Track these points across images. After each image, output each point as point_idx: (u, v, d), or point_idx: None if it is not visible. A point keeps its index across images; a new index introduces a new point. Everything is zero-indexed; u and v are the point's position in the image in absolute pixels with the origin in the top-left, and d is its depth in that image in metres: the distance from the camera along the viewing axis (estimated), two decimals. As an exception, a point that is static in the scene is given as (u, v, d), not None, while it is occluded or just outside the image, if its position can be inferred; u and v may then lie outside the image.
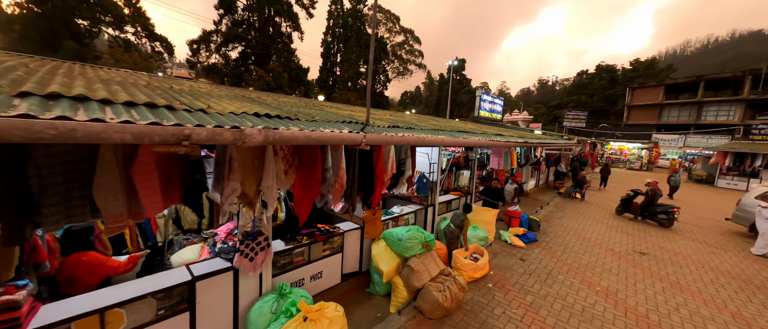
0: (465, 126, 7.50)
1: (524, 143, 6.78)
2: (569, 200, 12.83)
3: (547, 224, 9.03)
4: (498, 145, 5.79)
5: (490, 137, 5.80)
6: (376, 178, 3.91)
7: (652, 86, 39.70)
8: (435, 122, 6.96)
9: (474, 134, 5.69)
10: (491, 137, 5.86)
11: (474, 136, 5.33)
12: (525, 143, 6.59)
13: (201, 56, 24.03)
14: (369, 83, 3.52)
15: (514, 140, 6.31)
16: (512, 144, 6.15)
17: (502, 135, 6.98)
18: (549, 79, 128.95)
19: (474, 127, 7.52)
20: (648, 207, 9.84)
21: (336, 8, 54.09)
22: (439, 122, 7.98)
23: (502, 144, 5.73)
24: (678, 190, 14.44)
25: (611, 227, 9.22)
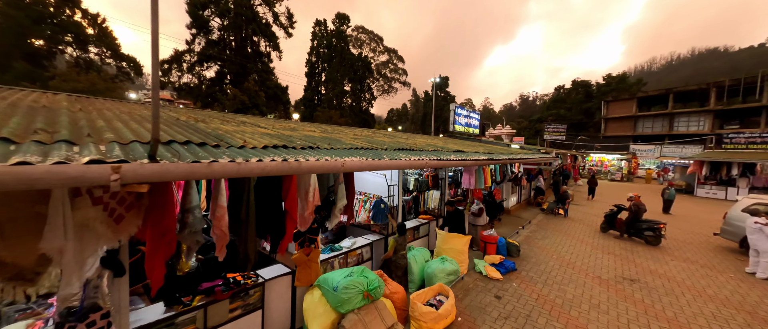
0: (427, 143, 6.66)
1: (488, 161, 5.94)
2: (552, 216, 12.06)
3: (529, 247, 8.13)
4: (440, 164, 4.91)
5: (445, 155, 4.93)
6: (287, 216, 2.91)
7: (626, 99, 40.76)
8: (388, 139, 6.10)
9: (422, 152, 4.82)
10: (447, 155, 4.99)
11: (415, 155, 4.43)
12: (488, 161, 5.73)
13: (172, 76, 22.93)
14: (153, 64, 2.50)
15: (473, 158, 5.45)
16: (470, 163, 5.29)
17: (464, 151, 6.15)
18: (529, 95, 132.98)
19: (437, 143, 6.71)
20: (633, 224, 9.11)
21: (319, 29, 54.52)
22: (397, 137, 7.13)
23: (447, 164, 4.86)
24: (673, 204, 13.49)
25: (597, 247, 8.39)
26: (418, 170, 7.68)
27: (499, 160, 6.16)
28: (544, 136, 37.69)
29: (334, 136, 5.07)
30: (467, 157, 5.26)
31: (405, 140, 6.32)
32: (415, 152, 4.67)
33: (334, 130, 6.54)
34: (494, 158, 5.54)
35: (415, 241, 6.49)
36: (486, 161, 5.61)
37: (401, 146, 5.02)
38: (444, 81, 73.08)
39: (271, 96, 25.44)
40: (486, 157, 5.59)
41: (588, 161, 33.22)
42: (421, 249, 6.10)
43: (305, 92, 54.22)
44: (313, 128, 5.81)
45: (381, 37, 64.71)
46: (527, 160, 8.12)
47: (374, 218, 5.39)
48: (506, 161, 6.71)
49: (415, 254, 5.89)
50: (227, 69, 25.39)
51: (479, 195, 8.89)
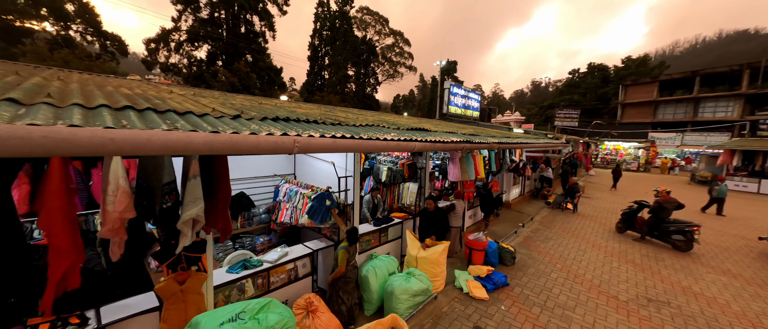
0: (395, 122, 5.16)
1: (467, 144, 4.38)
2: (559, 212, 10.48)
3: (527, 251, 6.67)
4: (406, 147, 3.42)
5: (396, 135, 3.44)
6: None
7: (646, 82, 37.58)
8: (343, 115, 4.60)
9: (382, 129, 3.35)
10: (404, 135, 3.50)
11: (330, 130, 2.98)
12: (468, 144, 4.13)
13: (160, 56, 21.67)
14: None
15: (448, 140, 3.92)
16: (441, 146, 3.74)
17: (454, 133, 4.65)
18: (542, 81, 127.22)
19: (406, 122, 5.19)
20: (658, 224, 7.50)
21: (322, 11, 52.19)
22: (361, 115, 5.63)
23: (416, 147, 3.36)
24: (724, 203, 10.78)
25: (612, 252, 6.87)
26: (392, 158, 6.24)
27: (487, 144, 4.59)
28: (554, 122, 35.25)
29: (265, 107, 3.66)
30: (431, 137, 3.76)
31: (366, 117, 4.83)
32: (337, 127, 3.20)
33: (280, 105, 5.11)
34: (480, 141, 4.01)
35: (380, 247, 5.12)
36: (464, 144, 4.08)
37: (340, 121, 3.56)
38: (452, 66, 70.00)
39: (264, 78, 23.96)
40: (463, 139, 4.06)
41: (602, 149, 30.92)
42: (387, 259, 4.73)
43: (308, 77, 52.70)
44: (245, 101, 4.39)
45: (386, 19, 61.84)
46: (529, 145, 6.53)
47: (312, 214, 4.02)
48: (502, 146, 5.16)
49: (377, 265, 4.53)
50: (219, 49, 23.94)
51: (470, 188, 7.40)
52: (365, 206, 5.32)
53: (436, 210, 5.30)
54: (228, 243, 4.45)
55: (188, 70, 22.36)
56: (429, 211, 5.35)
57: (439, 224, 5.18)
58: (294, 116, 3.18)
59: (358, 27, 57.54)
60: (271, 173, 5.36)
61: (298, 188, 4.63)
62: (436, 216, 5.38)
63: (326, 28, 51.77)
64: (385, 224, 5.22)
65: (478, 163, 6.00)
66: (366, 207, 5.32)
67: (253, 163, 5.19)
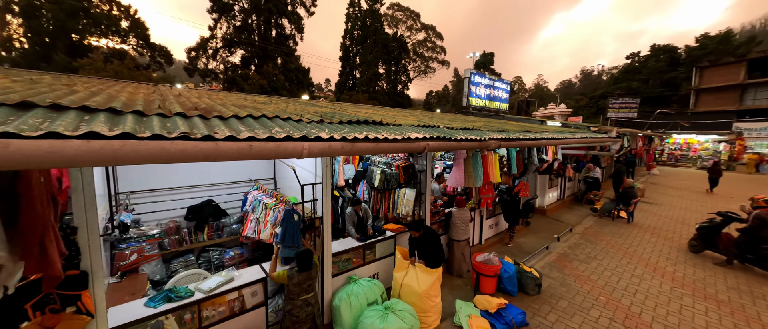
0: (396, 116, 4.16)
1: (465, 142, 3.15)
2: (608, 221, 8.57)
3: (561, 274, 5.26)
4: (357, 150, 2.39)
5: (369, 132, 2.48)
6: None
7: (730, 63, 31.14)
8: (314, 108, 3.74)
9: (359, 126, 2.46)
10: (383, 132, 2.53)
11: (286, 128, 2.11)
12: (441, 143, 2.85)
13: (200, 63, 23.08)
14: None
15: (399, 137, 2.77)
16: (421, 145, 2.58)
17: (453, 128, 3.57)
18: (594, 69, 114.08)
19: (407, 120, 4.12)
20: (755, 245, 5.51)
21: (353, 10, 52.40)
22: (363, 110, 4.72)
23: (393, 148, 2.34)
24: None
25: (682, 282, 5.14)
26: (387, 159, 5.27)
27: (509, 142, 3.40)
28: (607, 114, 30.83)
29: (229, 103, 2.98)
30: (377, 134, 2.75)
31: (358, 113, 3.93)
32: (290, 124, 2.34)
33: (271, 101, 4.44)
34: (462, 138, 2.85)
35: (364, 267, 4.22)
36: (462, 143, 2.96)
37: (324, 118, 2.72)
38: (488, 58, 66.11)
39: (291, 80, 24.32)
40: (461, 136, 2.94)
41: (669, 143, 26.23)
42: (369, 284, 3.84)
43: (340, 77, 53.49)
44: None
45: (418, 14, 60.20)
46: (565, 141, 5.06)
47: (283, 238, 3.23)
48: (525, 144, 3.89)
49: (354, 292, 3.66)
50: (252, 54, 24.84)
51: (489, 193, 6.14)
52: (348, 221, 4.46)
53: (425, 234, 4.13)
54: (189, 258, 3.91)
55: (224, 75, 23.53)
56: (420, 237, 4.18)
57: (430, 248, 4.06)
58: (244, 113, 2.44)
59: (389, 24, 56.78)
60: (245, 178, 4.76)
61: (263, 196, 3.93)
62: (426, 240, 4.17)
63: (357, 28, 51.89)
64: (371, 239, 4.31)
65: (490, 165, 4.78)
66: (349, 222, 4.46)
67: (226, 166, 4.64)
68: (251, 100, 4.13)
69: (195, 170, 4.24)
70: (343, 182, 5.34)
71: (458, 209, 5.32)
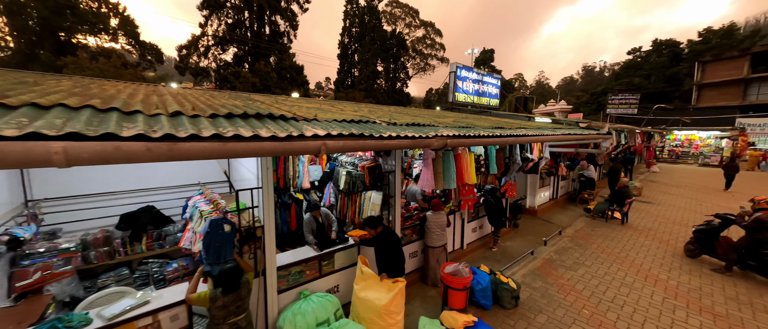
0: (355, 111, 3.71)
1: (404, 141, 2.65)
2: (601, 223, 8.11)
3: (544, 282, 4.83)
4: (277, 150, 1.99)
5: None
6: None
7: (733, 57, 30.34)
8: (277, 105, 3.30)
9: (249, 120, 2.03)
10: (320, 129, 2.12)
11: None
12: (417, 140, 2.34)
13: (191, 61, 22.66)
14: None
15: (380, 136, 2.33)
16: (316, 145, 2.10)
17: (397, 124, 3.12)
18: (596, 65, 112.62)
19: (359, 112, 3.67)
20: (756, 250, 5.05)
21: (351, 7, 51.78)
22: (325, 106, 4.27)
23: (308, 147, 1.92)
24: None
25: (676, 291, 4.69)
26: (353, 159, 4.83)
27: (457, 139, 2.86)
28: (606, 110, 30.17)
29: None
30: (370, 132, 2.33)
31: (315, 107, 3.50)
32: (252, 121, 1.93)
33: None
34: (426, 135, 2.43)
35: (320, 280, 3.81)
36: (388, 142, 2.40)
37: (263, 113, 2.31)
38: (488, 55, 65.40)
39: (284, 78, 23.84)
40: (392, 133, 2.46)
41: (670, 140, 25.59)
42: (322, 300, 3.43)
43: (338, 75, 53.09)
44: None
45: (417, 11, 59.53)
46: (544, 138, 4.57)
47: (205, 252, 2.82)
48: (488, 142, 3.39)
49: (304, 310, 3.25)
50: (245, 51, 24.40)
51: (469, 195, 5.71)
52: (306, 228, 4.05)
53: (383, 234, 3.69)
54: (122, 272, 3.51)
55: (217, 73, 23.13)
56: (377, 237, 3.72)
57: (389, 253, 3.64)
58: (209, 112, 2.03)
59: (388, 21, 56.21)
60: (195, 181, 4.35)
61: (201, 202, 3.52)
62: (385, 243, 3.70)
63: (355, 25, 51.35)
64: (330, 248, 3.90)
65: (464, 164, 4.34)
66: (307, 230, 4.05)
67: (174, 169, 4.23)
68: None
69: (134, 174, 3.84)
70: (307, 185, 4.93)
71: (433, 213, 4.89)
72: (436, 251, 4.94)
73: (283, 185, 4.80)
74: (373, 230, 3.63)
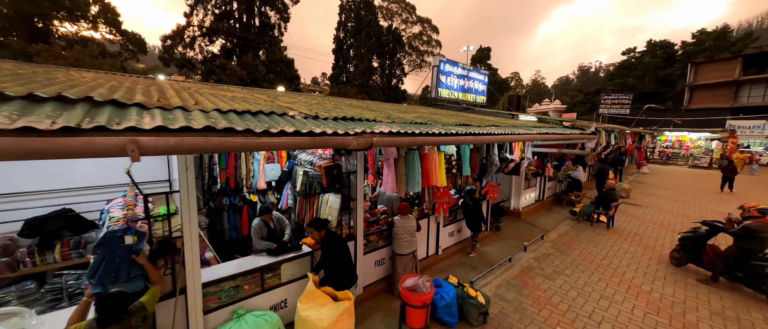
0: (318, 105, 3.21)
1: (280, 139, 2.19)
2: (587, 226, 7.77)
3: (518, 294, 4.45)
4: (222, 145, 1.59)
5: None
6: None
7: (725, 59, 30.26)
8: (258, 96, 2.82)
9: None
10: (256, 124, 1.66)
11: None
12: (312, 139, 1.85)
13: (176, 53, 21.83)
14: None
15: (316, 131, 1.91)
16: (301, 141, 1.72)
17: (319, 117, 2.64)
18: (591, 66, 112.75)
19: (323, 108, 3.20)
20: (744, 260, 4.72)
21: (347, 2, 50.88)
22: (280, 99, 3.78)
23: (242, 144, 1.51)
24: None
25: (659, 304, 4.34)
26: (312, 157, 4.37)
27: (394, 137, 2.34)
28: (599, 110, 29.99)
29: None
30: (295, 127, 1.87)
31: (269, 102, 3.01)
32: None
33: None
34: (343, 132, 1.95)
35: (263, 295, 3.37)
36: (269, 139, 1.89)
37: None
38: (484, 53, 65.02)
39: (275, 71, 23.14)
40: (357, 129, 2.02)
41: (661, 141, 25.47)
42: (259, 319, 3.00)
43: (333, 71, 52.39)
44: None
45: (414, 7, 58.79)
46: (524, 137, 4.13)
47: (92, 271, 2.32)
48: (441, 141, 2.88)
49: (238, 328, 2.81)
50: (233, 44, 23.62)
51: (444, 197, 5.29)
52: (254, 234, 3.59)
53: (327, 239, 3.28)
54: (27, 286, 3.03)
55: (203, 66, 22.37)
56: (321, 242, 3.33)
57: (335, 260, 3.22)
58: None
59: (384, 16, 55.44)
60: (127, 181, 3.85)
61: (116, 208, 3.04)
62: (329, 249, 3.28)
63: (351, 20, 50.51)
64: (281, 254, 3.45)
65: (432, 165, 3.90)
66: (256, 236, 3.59)
67: (102, 167, 3.72)
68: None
69: (46, 171, 3.34)
70: (263, 185, 4.47)
71: (401, 218, 4.46)
72: (405, 259, 4.53)
73: (233, 185, 4.34)
74: (316, 233, 3.20)
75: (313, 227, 3.20)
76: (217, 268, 3.20)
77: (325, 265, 3.26)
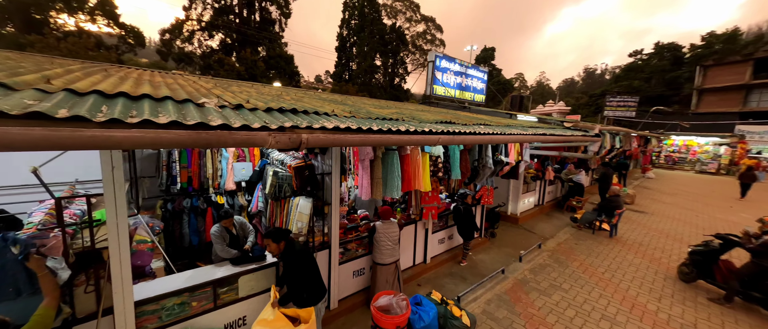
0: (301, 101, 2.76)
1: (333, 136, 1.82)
2: (588, 234, 7.29)
3: (509, 312, 4.01)
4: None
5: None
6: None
7: (735, 62, 29.42)
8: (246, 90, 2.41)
9: None
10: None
11: None
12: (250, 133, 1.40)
13: (174, 47, 21.49)
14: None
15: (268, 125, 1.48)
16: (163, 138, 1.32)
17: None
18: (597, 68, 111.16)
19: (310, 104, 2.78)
20: (763, 278, 4.23)
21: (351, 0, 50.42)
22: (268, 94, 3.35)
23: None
24: None
25: (669, 328, 3.88)
26: (283, 156, 3.94)
27: (337, 134, 1.86)
28: (604, 112, 29.28)
29: None
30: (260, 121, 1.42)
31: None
32: None
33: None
34: (275, 126, 1.55)
35: (216, 312, 2.96)
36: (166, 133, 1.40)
37: None
38: (489, 53, 64.25)
39: (274, 66, 22.73)
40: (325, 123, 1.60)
41: (667, 145, 24.75)
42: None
43: (336, 68, 52.03)
44: None
45: (418, 5, 58.24)
46: (515, 139, 3.64)
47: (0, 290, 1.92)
48: (421, 140, 2.41)
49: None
50: (232, 39, 23.25)
51: (433, 202, 4.86)
52: (215, 242, 3.18)
53: (288, 251, 2.83)
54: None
55: (202, 60, 22.04)
56: (281, 255, 2.89)
57: (297, 273, 2.79)
58: None
59: (388, 15, 54.92)
60: (69, 179, 3.46)
61: (38, 211, 2.65)
62: (290, 261, 2.85)
63: (354, 17, 50.05)
64: (242, 267, 3.05)
65: (414, 168, 3.47)
66: (216, 244, 3.19)
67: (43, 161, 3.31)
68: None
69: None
70: (232, 186, 4.07)
71: (383, 224, 4.04)
72: (387, 269, 4.10)
73: (197, 185, 3.94)
74: (275, 246, 2.77)
75: (270, 238, 2.76)
76: (159, 282, 2.80)
77: (287, 280, 2.84)
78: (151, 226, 3.36)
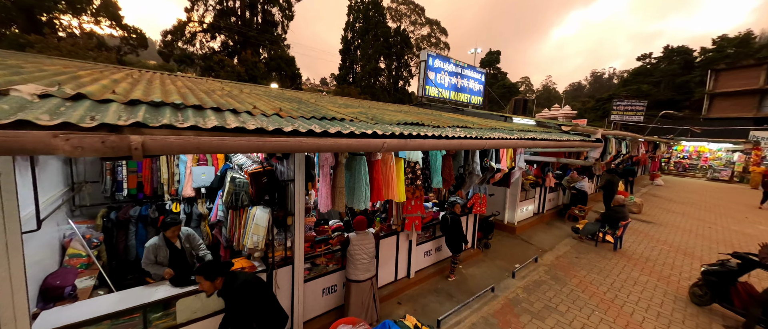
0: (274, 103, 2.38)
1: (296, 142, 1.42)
2: (590, 246, 6.74)
3: (496, 340, 3.53)
4: None
5: None
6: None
7: (749, 66, 28.29)
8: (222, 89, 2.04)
9: None
10: None
11: None
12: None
13: (176, 48, 21.51)
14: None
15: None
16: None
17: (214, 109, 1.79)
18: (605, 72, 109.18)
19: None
20: (788, 309, 3.67)
21: (356, 2, 50.49)
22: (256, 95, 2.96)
23: None
24: None
25: (677, 363, 3.35)
26: (244, 161, 3.55)
27: (291, 138, 1.46)
28: (611, 116, 28.40)
29: None
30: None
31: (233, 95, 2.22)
32: None
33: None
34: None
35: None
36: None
37: None
38: (494, 56, 63.68)
39: (275, 68, 22.57)
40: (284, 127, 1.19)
41: (677, 151, 23.81)
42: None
43: (340, 71, 52.12)
44: None
45: (422, 8, 58.13)
46: (498, 144, 3.16)
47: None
48: (362, 145, 1.92)
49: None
50: (234, 40, 23.20)
51: (416, 210, 4.42)
52: (145, 254, 2.79)
53: (227, 288, 2.36)
54: None
55: (203, 62, 22.02)
56: (221, 293, 2.41)
57: (250, 314, 2.36)
58: None
59: (393, 18, 54.87)
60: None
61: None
62: (240, 302, 2.39)
63: (359, 20, 50.05)
64: (187, 286, 2.65)
65: (386, 175, 3.04)
66: (149, 256, 2.79)
67: None
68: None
69: None
70: (190, 192, 3.70)
71: (358, 235, 3.63)
72: (362, 287, 3.67)
73: (149, 191, 3.57)
74: (208, 284, 2.29)
75: (202, 275, 2.26)
76: (76, 307, 2.40)
77: (233, 322, 2.37)
78: (87, 238, 3.00)
